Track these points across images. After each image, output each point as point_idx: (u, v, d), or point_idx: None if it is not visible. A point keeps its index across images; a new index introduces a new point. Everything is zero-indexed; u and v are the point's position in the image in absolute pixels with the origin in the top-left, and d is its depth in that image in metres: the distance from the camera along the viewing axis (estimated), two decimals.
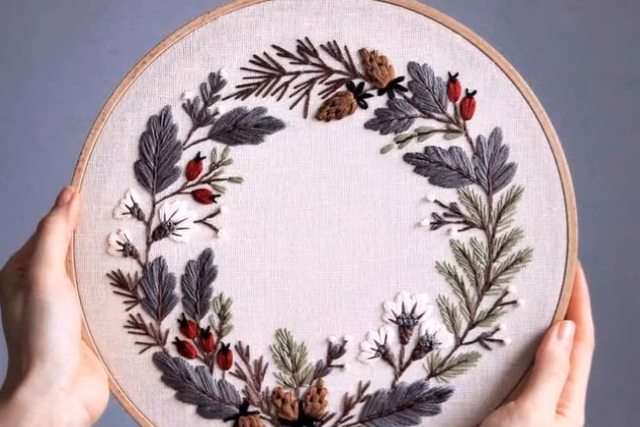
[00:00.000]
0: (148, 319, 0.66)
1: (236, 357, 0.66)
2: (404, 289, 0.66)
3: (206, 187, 0.66)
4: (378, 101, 0.65)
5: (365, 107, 0.65)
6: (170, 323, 0.66)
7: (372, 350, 0.66)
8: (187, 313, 0.66)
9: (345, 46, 0.65)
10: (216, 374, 0.66)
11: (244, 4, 0.65)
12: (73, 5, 1.27)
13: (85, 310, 0.66)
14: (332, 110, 0.65)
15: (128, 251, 0.66)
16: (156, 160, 0.65)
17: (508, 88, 0.65)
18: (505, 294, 0.66)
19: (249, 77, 0.65)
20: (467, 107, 0.65)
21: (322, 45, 0.65)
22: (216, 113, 0.65)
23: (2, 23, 1.26)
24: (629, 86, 1.23)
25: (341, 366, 0.66)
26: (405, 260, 0.66)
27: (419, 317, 0.66)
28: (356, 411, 0.67)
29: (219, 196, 0.66)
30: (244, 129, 0.65)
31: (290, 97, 0.65)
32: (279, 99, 0.65)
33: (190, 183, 0.66)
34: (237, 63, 0.65)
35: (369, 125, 0.65)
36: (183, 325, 0.66)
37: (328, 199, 0.66)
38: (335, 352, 0.66)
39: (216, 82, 0.65)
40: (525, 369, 0.66)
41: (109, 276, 0.66)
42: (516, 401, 0.63)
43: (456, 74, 0.65)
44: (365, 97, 0.65)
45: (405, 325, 0.66)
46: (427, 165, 0.65)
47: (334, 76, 0.65)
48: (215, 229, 0.66)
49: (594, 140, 1.22)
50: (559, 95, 1.19)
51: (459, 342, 0.66)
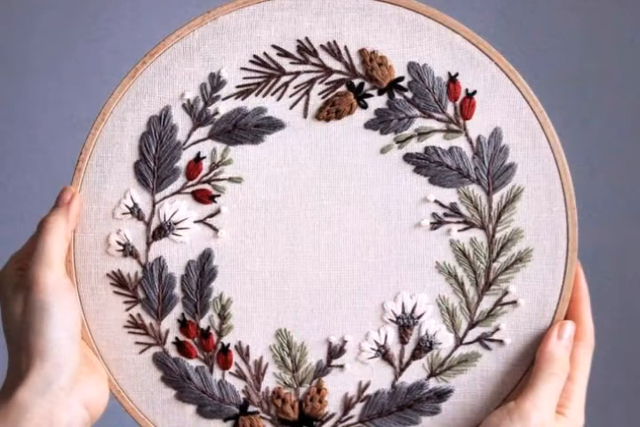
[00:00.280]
0: (147, 319, 0.66)
1: (235, 357, 0.66)
2: (404, 289, 0.66)
3: (206, 187, 0.66)
4: (378, 101, 0.65)
5: (365, 107, 0.65)
6: (170, 323, 0.66)
7: (372, 350, 0.66)
8: (187, 313, 0.66)
9: (345, 46, 0.65)
10: (216, 374, 0.66)
11: (243, 4, 0.65)
12: (73, 5, 1.27)
13: (85, 310, 0.66)
14: (331, 110, 0.65)
15: (128, 251, 0.66)
16: (155, 160, 0.65)
17: (507, 88, 0.65)
18: (505, 294, 0.66)
19: (249, 77, 0.65)
20: (467, 107, 0.65)
21: (322, 45, 0.65)
22: (216, 113, 0.65)
23: (2, 23, 1.26)
24: (629, 86, 1.23)
25: (341, 366, 0.66)
26: (405, 260, 0.66)
27: (419, 317, 0.66)
28: (356, 411, 0.67)
29: (219, 196, 0.66)
30: (243, 129, 0.65)
31: (290, 97, 0.65)
32: (279, 99, 0.65)
33: (190, 183, 0.66)
34: (237, 63, 0.65)
35: (369, 125, 0.65)
36: (183, 325, 0.66)
37: (328, 199, 0.66)
38: (335, 352, 0.66)
39: (216, 82, 0.65)
40: (525, 369, 0.66)
41: (109, 276, 0.66)
42: (516, 401, 0.63)
43: (456, 74, 0.65)
44: (365, 97, 0.65)
45: (405, 325, 0.66)
46: (427, 165, 0.65)
47: (334, 76, 0.65)
48: (215, 229, 0.66)
49: (594, 140, 1.22)
50: (559, 95, 1.19)
51: (459, 342, 0.66)
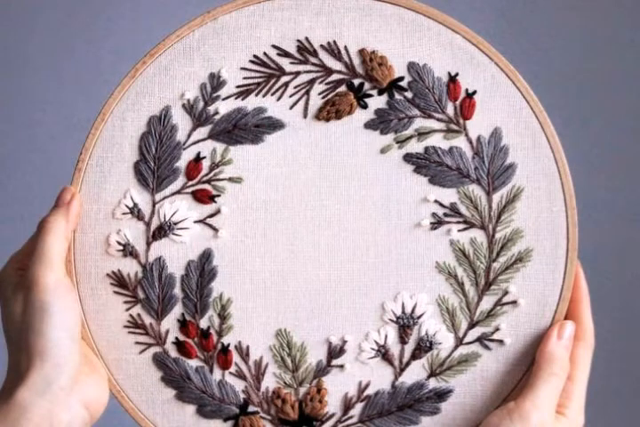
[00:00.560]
0: (147, 319, 0.66)
1: (236, 357, 0.66)
2: (403, 289, 0.66)
3: (206, 187, 0.66)
4: (378, 101, 0.65)
5: (365, 107, 0.65)
6: (170, 323, 0.66)
7: (372, 350, 0.66)
8: (187, 313, 0.66)
9: (345, 46, 0.65)
10: (216, 374, 0.66)
11: (243, 4, 0.65)
12: (73, 5, 1.27)
13: (85, 310, 0.66)
14: (331, 110, 0.65)
15: (128, 251, 0.66)
16: (155, 160, 0.65)
17: (508, 88, 0.65)
18: (505, 294, 0.66)
19: (249, 77, 0.65)
20: (467, 107, 0.65)
21: (322, 45, 0.65)
22: (216, 113, 0.65)
23: (2, 23, 1.26)
24: (629, 86, 1.23)
25: (341, 366, 0.66)
26: (405, 260, 0.66)
27: (419, 317, 0.66)
28: (356, 411, 0.67)
29: (219, 196, 0.66)
30: (243, 129, 0.65)
31: (290, 97, 0.65)
32: (279, 99, 0.65)
33: (190, 183, 0.66)
34: (237, 63, 0.65)
35: (369, 125, 0.65)
36: (183, 325, 0.66)
37: (328, 199, 0.66)
38: (335, 352, 0.66)
39: (216, 82, 0.65)
40: (525, 369, 0.66)
41: (109, 276, 0.66)
42: (516, 401, 0.63)
43: (456, 74, 0.65)
44: (365, 97, 0.65)
45: (405, 325, 0.66)
46: (427, 165, 0.65)
47: (334, 76, 0.65)
48: (215, 229, 0.66)
49: (594, 140, 1.22)
50: (559, 95, 1.19)
51: (459, 342, 0.66)
